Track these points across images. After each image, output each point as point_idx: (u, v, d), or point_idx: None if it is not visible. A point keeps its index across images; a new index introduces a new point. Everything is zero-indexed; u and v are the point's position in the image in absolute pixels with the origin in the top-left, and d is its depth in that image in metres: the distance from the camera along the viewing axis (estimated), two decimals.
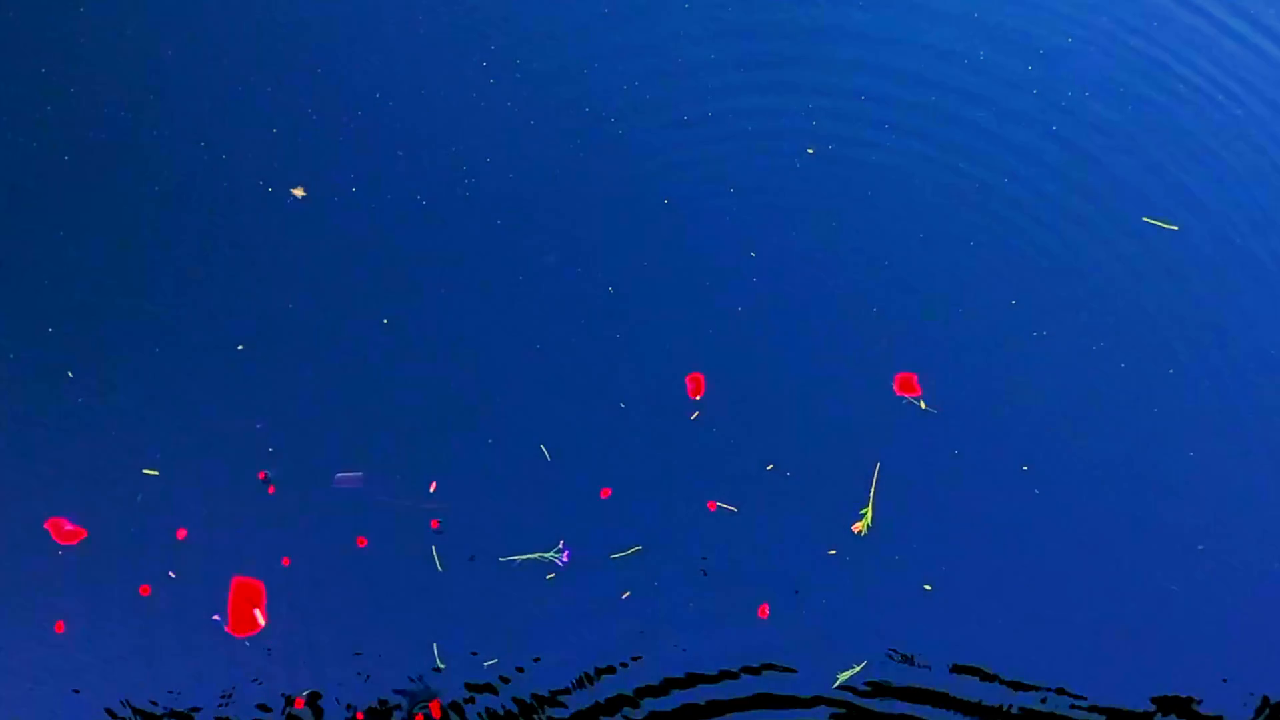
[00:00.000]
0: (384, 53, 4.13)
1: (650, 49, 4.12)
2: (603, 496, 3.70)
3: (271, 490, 3.67)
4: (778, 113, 4.04)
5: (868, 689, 3.59)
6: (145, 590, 3.65)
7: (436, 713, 3.58)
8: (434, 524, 3.69)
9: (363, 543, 3.67)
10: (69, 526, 3.65)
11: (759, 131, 4.02)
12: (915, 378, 3.74)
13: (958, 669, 3.60)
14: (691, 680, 3.61)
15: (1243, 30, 4.22)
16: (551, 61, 4.11)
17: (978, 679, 3.60)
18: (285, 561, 3.67)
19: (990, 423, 3.77)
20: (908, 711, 3.58)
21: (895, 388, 3.75)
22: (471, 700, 3.60)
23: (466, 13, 4.19)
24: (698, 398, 3.75)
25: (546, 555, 3.69)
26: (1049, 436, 3.76)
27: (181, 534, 3.69)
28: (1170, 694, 3.57)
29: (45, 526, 3.65)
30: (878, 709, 3.57)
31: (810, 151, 4.01)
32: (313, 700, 3.61)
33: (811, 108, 4.05)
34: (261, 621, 3.60)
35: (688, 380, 3.75)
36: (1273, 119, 4.10)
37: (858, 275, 3.91)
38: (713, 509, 3.71)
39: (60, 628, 3.60)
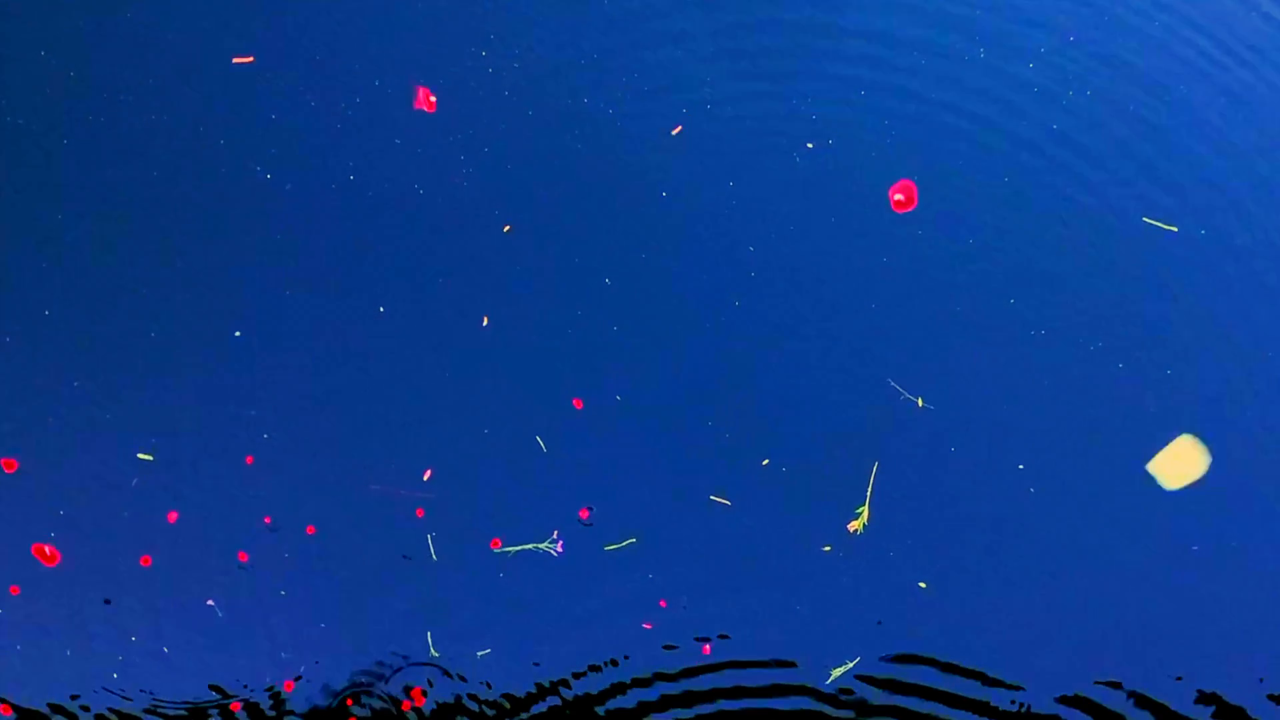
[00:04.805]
0: (383, 41, 4.13)
1: (649, 41, 4.12)
2: (582, 515, 3.71)
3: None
4: (777, 107, 4.04)
5: (861, 685, 3.59)
6: (147, 561, 3.66)
7: (420, 700, 3.58)
8: (419, 512, 3.70)
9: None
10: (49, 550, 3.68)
11: (758, 125, 4.02)
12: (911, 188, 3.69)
13: (951, 666, 3.60)
14: (684, 674, 3.62)
15: (1246, 32, 4.21)
16: (550, 52, 4.11)
17: (971, 676, 3.60)
18: (242, 557, 3.68)
19: (986, 421, 3.78)
20: (901, 707, 3.58)
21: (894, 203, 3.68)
22: (462, 690, 3.61)
23: (465, 2, 4.19)
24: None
25: (541, 546, 3.69)
26: (1045, 435, 3.76)
27: (172, 517, 3.70)
28: (1163, 693, 3.57)
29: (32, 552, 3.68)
30: (871, 705, 3.58)
31: (809, 146, 4.01)
32: (302, 685, 3.61)
33: (811, 102, 4.05)
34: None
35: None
36: (1278, 120, 4.10)
37: (855, 271, 3.91)
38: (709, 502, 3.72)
39: (14, 590, 3.63)
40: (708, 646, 3.60)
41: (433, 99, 3.46)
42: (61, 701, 3.62)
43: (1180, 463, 3.60)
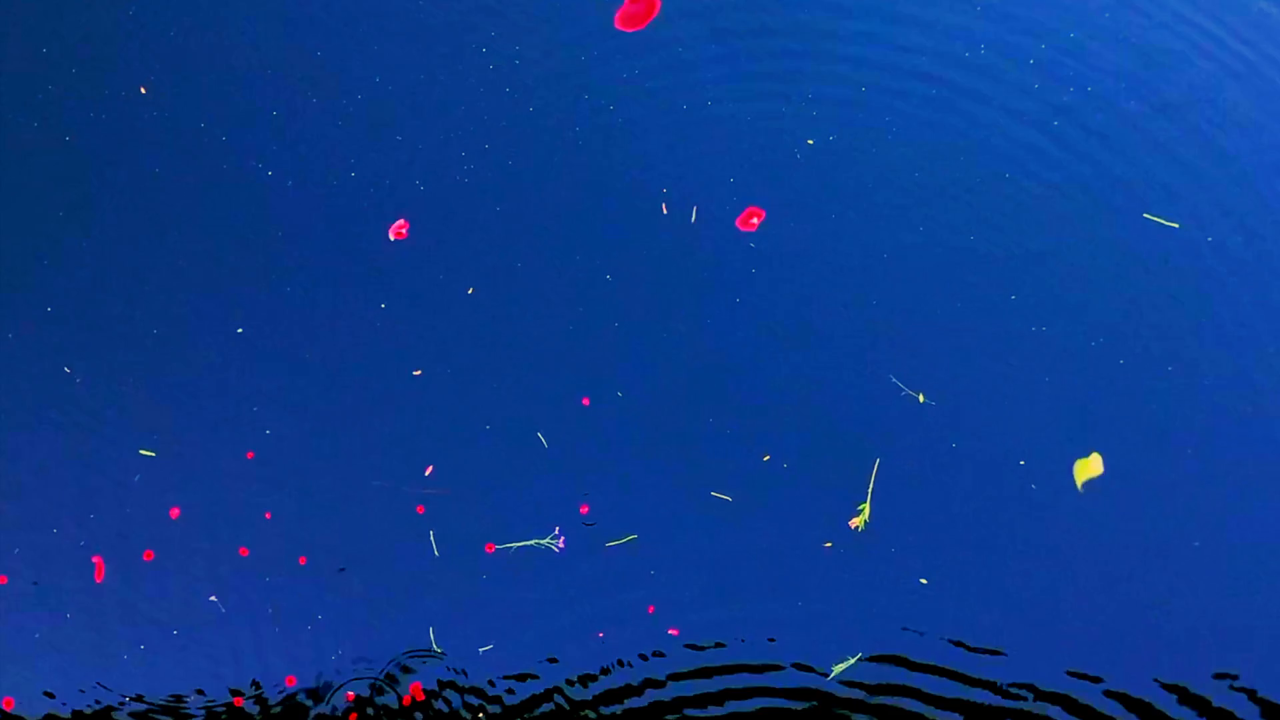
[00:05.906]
0: (384, 38, 4.13)
1: (649, 37, 4.12)
2: (582, 511, 3.72)
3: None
4: (778, 103, 4.04)
5: (862, 681, 3.60)
6: (149, 555, 3.67)
7: (421, 695, 3.59)
8: (420, 509, 3.70)
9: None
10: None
11: (758, 122, 4.02)
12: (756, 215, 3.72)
13: (952, 662, 3.60)
14: (685, 670, 3.62)
15: (1247, 26, 4.21)
16: (550, 49, 4.11)
17: (972, 672, 3.60)
18: (244, 552, 3.68)
19: (988, 417, 3.77)
20: (902, 704, 3.58)
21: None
22: (464, 686, 3.61)
23: (466, 1, 4.19)
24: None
25: (543, 542, 3.69)
26: (1046, 432, 3.75)
27: (174, 513, 3.71)
28: (1162, 688, 3.57)
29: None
30: (872, 701, 3.58)
31: (810, 143, 4.01)
32: (303, 680, 3.62)
33: (812, 99, 4.04)
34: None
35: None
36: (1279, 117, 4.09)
37: (856, 268, 3.91)
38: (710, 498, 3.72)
39: (2, 579, 3.65)
40: (675, 629, 3.61)
41: (404, 232, 3.54)
42: (62, 697, 3.62)
43: (1088, 469, 3.67)
